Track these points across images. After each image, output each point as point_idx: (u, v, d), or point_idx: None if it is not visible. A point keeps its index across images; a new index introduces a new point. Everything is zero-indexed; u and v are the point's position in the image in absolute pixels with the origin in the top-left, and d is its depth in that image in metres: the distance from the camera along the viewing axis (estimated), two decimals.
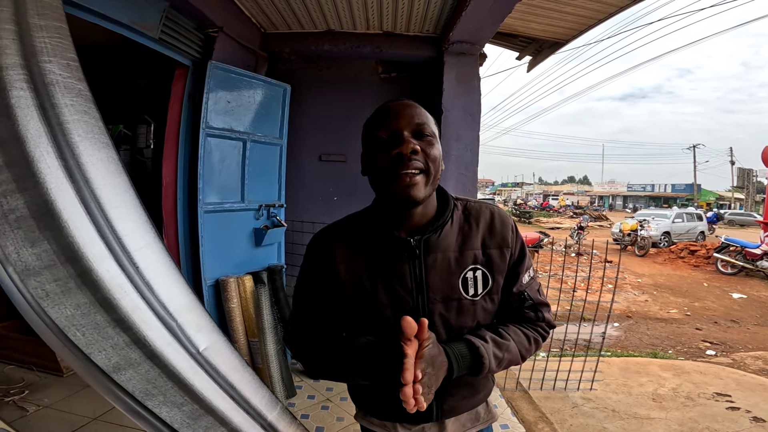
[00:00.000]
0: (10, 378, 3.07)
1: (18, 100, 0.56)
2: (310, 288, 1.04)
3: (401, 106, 0.96)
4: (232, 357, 0.80)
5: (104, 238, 0.61)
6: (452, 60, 3.19)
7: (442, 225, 0.99)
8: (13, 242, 0.54)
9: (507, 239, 1.03)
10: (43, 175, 0.55)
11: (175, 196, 2.82)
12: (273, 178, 3.33)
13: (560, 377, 3.50)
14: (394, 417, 1.08)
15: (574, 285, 3.78)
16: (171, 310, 0.69)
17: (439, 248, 0.98)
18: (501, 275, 1.03)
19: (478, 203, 1.07)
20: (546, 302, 1.10)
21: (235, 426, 0.78)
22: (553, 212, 34.80)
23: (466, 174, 3.33)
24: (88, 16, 2.07)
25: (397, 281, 0.97)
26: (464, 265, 0.99)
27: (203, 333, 0.74)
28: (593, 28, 3.15)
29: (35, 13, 0.63)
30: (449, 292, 0.98)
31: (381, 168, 0.93)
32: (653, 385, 3.76)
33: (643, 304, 7.47)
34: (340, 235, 1.04)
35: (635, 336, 5.76)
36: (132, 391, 0.66)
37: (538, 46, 3.53)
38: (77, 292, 0.59)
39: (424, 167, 0.91)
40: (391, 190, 0.92)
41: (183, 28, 2.60)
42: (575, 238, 13.97)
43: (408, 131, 0.92)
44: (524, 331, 1.05)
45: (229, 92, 2.87)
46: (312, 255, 1.05)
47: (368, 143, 0.98)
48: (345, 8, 2.81)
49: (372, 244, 1.00)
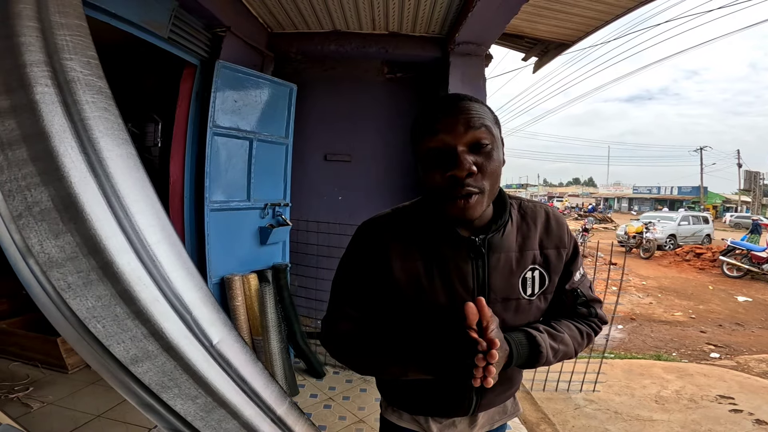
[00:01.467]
0: (14, 374, 3.09)
1: (42, 96, 0.57)
2: (358, 282, 1.00)
3: (455, 109, 0.86)
4: (243, 351, 0.80)
5: (125, 231, 0.62)
6: (458, 61, 3.19)
7: (504, 225, 0.96)
8: (37, 234, 0.55)
9: (564, 239, 1.02)
10: (67, 169, 0.57)
11: (182, 194, 2.84)
12: (279, 177, 3.35)
13: (563, 378, 3.51)
14: (427, 411, 1.07)
15: None
16: (186, 303, 0.70)
17: (503, 248, 0.96)
18: (556, 275, 1.02)
19: (532, 203, 1.06)
20: (598, 299, 1.10)
21: (246, 419, 0.78)
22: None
23: None
24: (100, 15, 2.10)
25: (458, 281, 0.94)
26: (524, 266, 0.98)
27: (216, 327, 0.75)
28: (600, 29, 3.15)
29: (56, 11, 0.64)
30: (509, 292, 0.97)
31: (434, 185, 0.87)
32: (656, 387, 3.76)
33: (647, 306, 7.45)
34: (394, 229, 0.99)
35: (639, 338, 5.75)
36: (148, 383, 0.66)
37: (544, 47, 3.53)
38: (98, 284, 0.60)
39: (480, 188, 0.85)
40: (446, 210, 0.87)
41: (191, 27, 2.62)
42: (580, 240, 13.95)
43: (463, 146, 0.84)
44: (577, 326, 1.05)
45: (236, 91, 2.89)
46: (362, 248, 1.00)
47: (418, 151, 0.91)
48: (351, 8, 2.82)
49: (430, 242, 0.95)
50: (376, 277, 0.97)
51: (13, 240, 0.57)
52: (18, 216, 0.55)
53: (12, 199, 0.55)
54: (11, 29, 0.59)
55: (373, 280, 0.98)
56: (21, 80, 0.56)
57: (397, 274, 0.95)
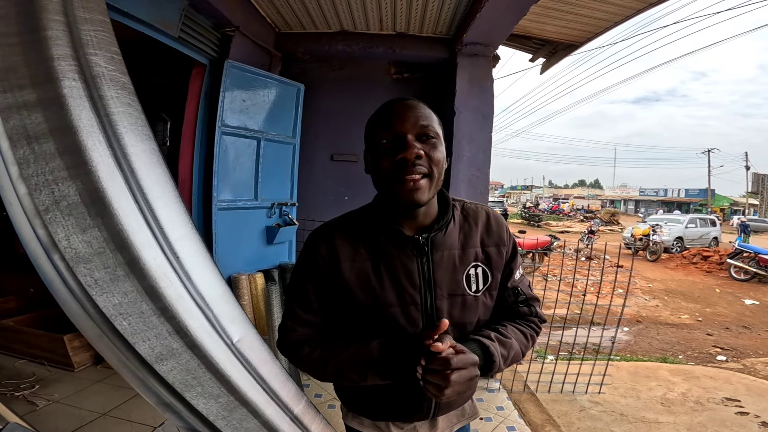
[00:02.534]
0: (21, 372, 3.11)
1: (70, 90, 0.58)
2: (311, 287, 1.02)
3: (406, 106, 0.94)
4: (262, 349, 0.80)
5: (150, 227, 0.62)
6: (465, 61, 3.20)
7: (447, 224, 1.01)
8: (64, 229, 0.55)
9: (503, 238, 1.07)
10: (95, 164, 0.57)
11: (190, 193, 2.86)
12: (286, 176, 3.36)
13: (568, 380, 3.49)
14: (387, 416, 1.09)
15: (584, 289, 3.77)
16: (208, 300, 0.70)
17: (445, 246, 1.00)
18: (498, 272, 1.06)
19: (474, 204, 1.11)
20: (536, 297, 1.15)
21: (267, 418, 0.78)
22: (563, 216, 34.54)
23: (478, 175, 3.34)
24: (112, 13, 2.10)
25: (405, 278, 0.98)
26: (467, 263, 1.02)
27: (236, 324, 0.75)
28: (608, 30, 3.15)
29: (80, 6, 0.64)
30: (454, 288, 1.01)
31: (385, 171, 0.93)
32: (662, 389, 3.73)
33: (653, 309, 7.40)
34: (343, 232, 1.02)
35: (645, 341, 5.71)
36: (172, 382, 0.66)
37: (552, 48, 3.53)
38: (125, 280, 0.60)
39: (428, 171, 0.91)
40: (395, 193, 0.92)
41: (201, 27, 2.64)
42: (585, 242, 13.87)
43: (412, 134, 0.91)
44: (521, 329, 1.08)
45: (244, 91, 2.91)
46: (312, 253, 1.02)
47: (371, 144, 0.98)
48: (359, 8, 2.83)
49: (377, 242, 1.00)
50: (327, 280, 1.00)
51: (36, 235, 0.57)
52: (45, 210, 0.55)
53: (39, 193, 0.55)
54: (37, 23, 0.59)
55: (325, 284, 1.00)
56: (48, 74, 0.57)
57: (347, 276, 0.98)
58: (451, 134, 3.23)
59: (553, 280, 6.79)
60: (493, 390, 3.31)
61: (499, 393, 3.29)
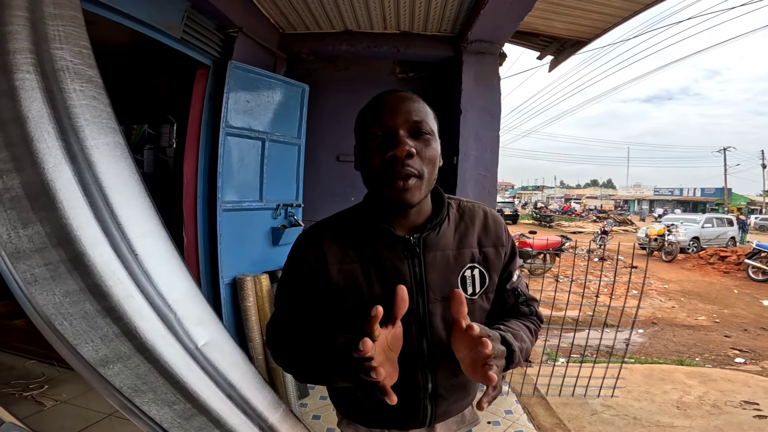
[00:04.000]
0: (30, 373, 3.14)
1: (23, 83, 0.56)
2: (298, 289, 0.98)
3: (398, 99, 0.90)
4: (233, 353, 0.77)
5: (101, 222, 0.59)
6: (471, 59, 3.16)
7: (440, 223, 0.97)
8: (5, 223, 0.53)
9: (501, 238, 1.03)
10: (41, 155, 0.55)
11: (195, 195, 2.85)
12: (291, 177, 3.34)
13: (580, 384, 3.42)
14: (382, 423, 1.04)
15: (597, 290, 3.70)
16: (170, 301, 0.67)
17: (438, 246, 0.96)
18: (496, 273, 1.02)
19: (471, 203, 1.06)
20: (535, 297, 1.10)
21: (231, 427, 0.74)
22: (575, 216, 34.16)
23: (485, 175, 3.29)
24: (112, 15, 2.12)
25: (395, 281, 0.90)
26: (462, 263, 0.98)
27: (204, 326, 0.72)
28: (618, 26, 3.08)
29: (51, 2, 0.63)
30: (448, 291, 0.90)
31: (374, 169, 0.89)
32: (678, 392, 3.64)
33: (669, 310, 7.26)
34: (331, 233, 0.99)
35: (660, 343, 5.60)
36: (120, 386, 0.63)
37: (560, 45, 3.47)
38: (67, 277, 0.57)
39: (419, 171, 0.86)
40: (385, 193, 0.88)
41: (204, 28, 2.64)
42: (598, 243, 13.67)
43: (404, 130, 0.87)
44: (526, 324, 1.03)
45: (248, 92, 2.90)
46: (300, 255, 0.98)
47: (361, 139, 0.94)
48: (362, 8, 2.81)
49: (367, 243, 0.96)
50: (315, 283, 0.96)
51: None
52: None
53: None
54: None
55: (312, 286, 0.96)
56: (2, 67, 0.55)
57: (335, 278, 0.94)
58: (457, 133, 3.19)
59: (564, 281, 6.70)
60: (502, 393, 3.25)
61: (507, 396, 3.23)
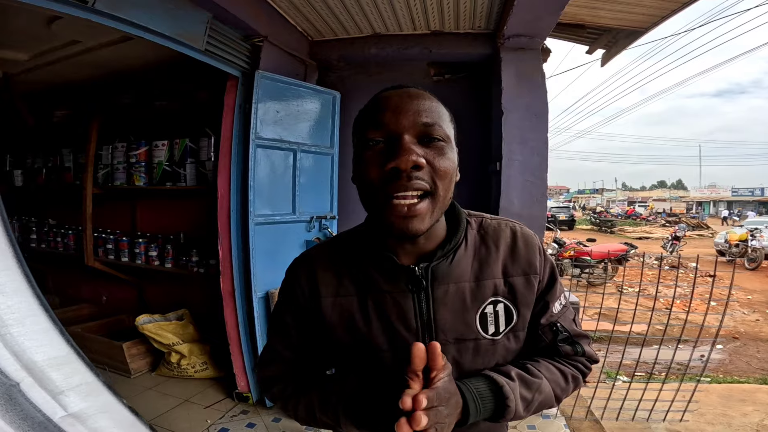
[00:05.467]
0: None
1: None
2: (290, 321, 0.87)
3: (403, 96, 0.73)
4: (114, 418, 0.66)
5: None
6: (510, 56, 2.93)
7: (455, 249, 0.79)
8: None
9: (534, 264, 0.84)
10: None
11: (228, 208, 2.86)
12: (324, 188, 3.28)
13: (643, 407, 3.07)
14: None
15: (671, 303, 3.34)
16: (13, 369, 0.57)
17: (451, 278, 0.79)
18: (527, 308, 0.83)
19: (497, 220, 0.87)
20: (585, 333, 0.89)
21: None
22: (640, 220, 31.57)
23: (533, 181, 3.03)
24: (134, 29, 2.14)
25: (398, 319, 0.78)
26: (482, 299, 0.80)
27: (72, 395, 0.62)
28: (675, 14, 2.72)
29: None
30: (464, 332, 0.79)
31: (371, 184, 0.71)
32: (760, 414, 3.21)
33: (753, 323, 6.50)
34: (327, 260, 0.85)
35: (742, 360, 5.01)
36: None
37: (611, 37, 3.14)
38: None
39: (429, 187, 0.69)
40: (384, 217, 0.71)
41: (228, 38, 2.63)
42: (669, 250, 12.59)
43: (410, 135, 0.69)
44: (559, 367, 0.85)
45: (277, 102, 2.86)
46: (292, 284, 0.86)
47: (357, 146, 0.77)
48: (387, 9, 2.68)
49: (366, 273, 0.81)
50: (308, 315, 0.84)
51: None
52: None
53: None
54: None
55: (305, 319, 0.85)
56: None
57: (328, 313, 0.82)
58: (500, 137, 2.97)
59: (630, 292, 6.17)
60: (549, 416, 2.99)
61: (555, 419, 2.97)
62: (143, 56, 3.15)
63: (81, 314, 4.19)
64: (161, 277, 3.92)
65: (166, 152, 3.52)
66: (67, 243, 4.16)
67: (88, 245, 3.84)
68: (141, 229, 4.02)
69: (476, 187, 3.28)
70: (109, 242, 3.86)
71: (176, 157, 3.50)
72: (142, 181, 3.61)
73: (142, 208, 4.10)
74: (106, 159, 3.78)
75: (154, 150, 3.57)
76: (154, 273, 3.83)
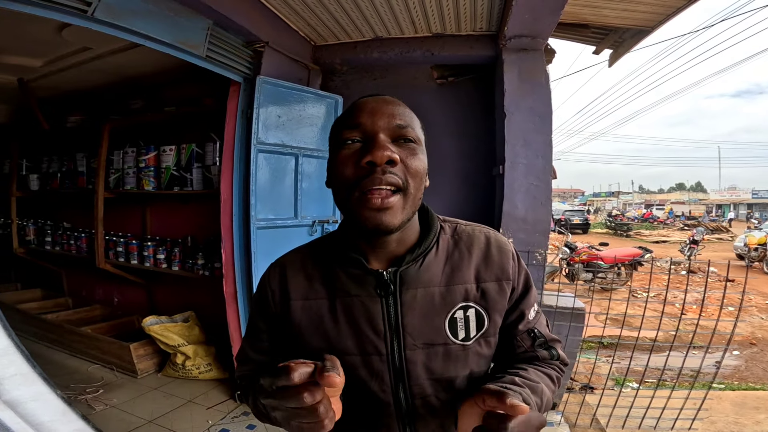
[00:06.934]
0: (91, 376, 3.37)
1: None
2: (262, 325, 0.88)
3: (379, 101, 0.76)
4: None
5: None
6: (512, 57, 2.90)
7: (424, 253, 0.80)
8: None
9: (507, 270, 0.83)
10: None
11: (231, 213, 2.89)
12: (327, 193, 3.25)
13: (650, 414, 2.98)
14: None
15: (682, 307, 3.24)
16: None
17: (420, 283, 0.79)
18: (499, 314, 0.83)
19: (471, 226, 0.88)
20: (557, 338, 0.90)
21: None
22: (658, 224, 30.79)
23: (537, 184, 2.98)
24: (132, 37, 2.18)
25: (366, 323, 0.78)
26: (452, 303, 0.80)
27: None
28: (682, 11, 2.65)
29: None
30: (433, 337, 0.79)
31: (345, 181, 0.72)
32: None
33: None
34: (299, 263, 0.86)
35: (759, 366, 4.83)
36: None
37: (617, 36, 3.08)
38: None
39: (401, 184, 0.71)
40: (357, 213, 0.71)
41: (229, 44, 2.66)
42: (687, 254, 12.24)
43: (385, 134, 0.72)
44: (547, 372, 0.85)
45: (279, 106, 2.88)
46: (263, 287, 0.87)
47: (333, 146, 0.78)
48: (387, 13, 2.67)
49: (336, 276, 0.81)
50: (278, 319, 0.85)
51: None
52: None
53: None
54: None
55: (276, 323, 0.86)
56: None
57: (298, 316, 0.82)
58: (503, 139, 2.94)
59: (643, 297, 6.02)
60: (553, 423, 2.93)
61: (559, 427, 2.91)
62: (152, 62, 3.21)
63: (93, 315, 4.28)
64: (169, 280, 3.99)
65: (173, 157, 3.58)
66: (79, 245, 4.26)
67: (99, 248, 3.92)
68: (151, 232, 4.10)
69: (481, 191, 3.25)
70: (120, 245, 3.94)
71: (183, 161, 3.55)
72: (151, 185, 3.67)
73: (152, 211, 4.18)
74: (117, 164, 3.87)
75: (162, 155, 3.64)
76: (162, 275, 3.90)
